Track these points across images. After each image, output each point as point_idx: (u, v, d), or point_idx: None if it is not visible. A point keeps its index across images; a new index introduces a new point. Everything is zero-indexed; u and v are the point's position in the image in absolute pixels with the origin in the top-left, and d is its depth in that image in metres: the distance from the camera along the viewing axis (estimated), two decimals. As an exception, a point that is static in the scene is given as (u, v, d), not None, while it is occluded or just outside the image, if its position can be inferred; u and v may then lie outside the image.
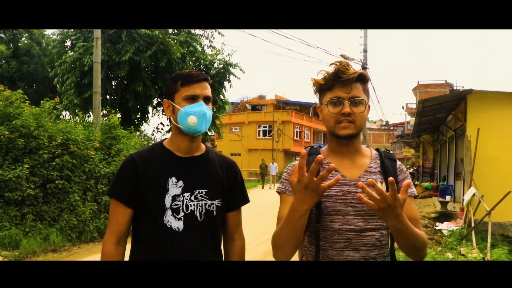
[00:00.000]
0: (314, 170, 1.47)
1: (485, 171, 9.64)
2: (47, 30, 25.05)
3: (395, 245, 1.85)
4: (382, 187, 1.75)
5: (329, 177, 1.79)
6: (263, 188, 26.13)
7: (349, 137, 1.79)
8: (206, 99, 2.00)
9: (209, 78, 2.07)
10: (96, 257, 7.42)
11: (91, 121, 12.12)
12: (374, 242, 1.76)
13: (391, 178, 1.46)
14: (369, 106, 1.86)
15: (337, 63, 1.80)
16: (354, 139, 1.84)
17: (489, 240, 7.42)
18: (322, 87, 1.84)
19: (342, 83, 1.76)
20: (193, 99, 1.96)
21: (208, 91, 2.01)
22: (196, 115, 1.94)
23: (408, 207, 1.81)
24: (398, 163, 1.91)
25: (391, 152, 1.96)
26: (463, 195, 10.24)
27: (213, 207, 2.01)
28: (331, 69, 1.80)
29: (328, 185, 1.50)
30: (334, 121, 1.79)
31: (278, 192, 1.91)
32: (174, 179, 1.97)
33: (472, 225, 8.35)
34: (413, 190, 1.90)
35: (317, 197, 1.54)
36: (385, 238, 1.80)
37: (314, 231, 1.79)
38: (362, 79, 1.80)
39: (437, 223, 10.56)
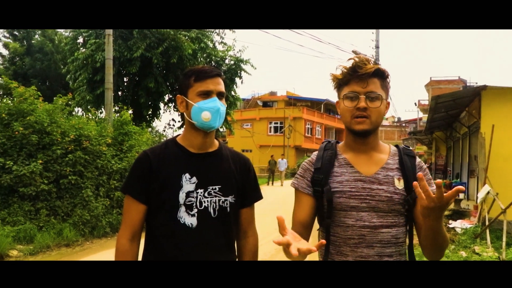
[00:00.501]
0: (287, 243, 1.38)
1: (500, 169, 9.52)
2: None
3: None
4: (400, 183, 1.75)
5: (345, 172, 1.80)
6: (272, 184, 25.31)
7: (364, 133, 1.77)
8: (220, 95, 1.98)
9: (222, 73, 2.05)
10: (109, 252, 7.49)
11: (103, 117, 12.19)
12: (390, 239, 1.73)
13: (419, 174, 1.44)
14: (388, 103, 1.84)
15: (355, 58, 1.78)
16: (370, 135, 1.81)
17: (504, 238, 7.32)
18: (339, 82, 1.83)
19: (359, 77, 1.74)
20: (206, 94, 1.95)
21: (222, 87, 2.00)
22: (210, 110, 1.93)
23: None
24: (418, 159, 1.88)
25: (410, 148, 1.94)
26: (477, 193, 10.13)
27: (226, 204, 2.00)
28: (349, 64, 1.79)
29: (308, 250, 1.38)
30: (350, 116, 1.77)
31: (292, 186, 1.92)
32: (187, 175, 1.96)
33: (487, 223, 8.26)
34: (433, 188, 1.81)
35: (302, 258, 1.46)
36: (402, 236, 1.78)
37: (325, 226, 1.80)
38: (381, 74, 1.78)
39: (450, 221, 10.45)
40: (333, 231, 1.77)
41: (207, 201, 1.96)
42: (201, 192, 1.96)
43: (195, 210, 1.94)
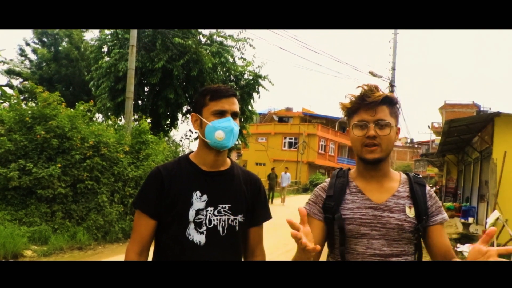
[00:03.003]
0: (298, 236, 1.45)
1: (510, 195, 9.53)
2: (86, 35, 25.94)
3: None
4: (411, 212, 1.77)
5: (356, 200, 1.82)
6: (272, 202, 20.55)
7: (376, 161, 1.79)
8: (234, 115, 1.99)
9: (237, 93, 2.08)
10: (120, 257, 7.62)
11: (122, 125, 12.44)
12: None
13: (492, 229, 1.43)
14: (398, 129, 1.86)
15: (364, 86, 1.80)
16: (381, 163, 1.82)
17: None
18: (349, 111, 1.85)
19: (367, 106, 1.76)
20: (221, 114, 1.96)
21: (236, 107, 2.01)
22: (223, 130, 1.94)
23: (439, 235, 1.81)
24: (428, 188, 1.88)
25: (420, 176, 1.94)
26: (486, 218, 10.13)
27: (235, 222, 2.01)
28: (357, 92, 1.81)
29: (313, 249, 1.48)
30: (360, 144, 1.78)
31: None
32: (198, 193, 1.97)
33: (494, 249, 8.25)
34: (444, 215, 1.87)
35: (308, 256, 1.54)
36: None
37: (339, 254, 1.80)
38: (389, 101, 1.80)
39: (458, 245, 10.42)
40: (344, 259, 1.78)
41: (217, 219, 1.97)
42: (211, 210, 1.97)
43: (204, 228, 1.95)
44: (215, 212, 1.98)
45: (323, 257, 1.90)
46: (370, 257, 1.73)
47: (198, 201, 1.97)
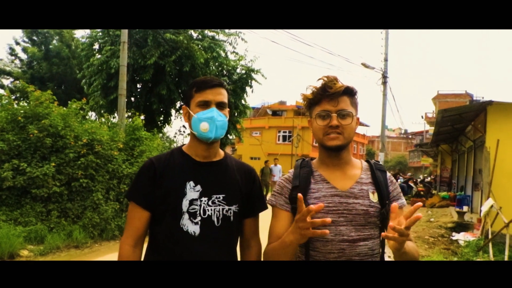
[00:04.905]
0: (305, 212, 1.54)
1: (504, 183, 9.59)
2: (77, 33, 25.75)
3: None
4: (374, 197, 1.84)
5: (322, 188, 1.86)
6: None
7: (337, 148, 1.84)
8: (219, 105, 1.97)
9: (224, 83, 2.04)
10: (117, 254, 7.61)
11: (115, 122, 12.40)
12: (367, 251, 1.80)
13: (394, 205, 1.58)
14: (358, 118, 1.91)
15: (325, 78, 1.84)
16: (343, 151, 1.88)
17: (506, 252, 7.37)
18: (311, 102, 1.89)
19: (329, 97, 1.81)
20: (206, 105, 1.95)
21: (222, 97, 1.98)
22: (207, 121, 1.92)
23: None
24: (388, 174, 1.96)
25: (380, 163, 2.02)
26: (480, 206, 10.19)
27: (230, 213, 1.99)
28: (319, 84, 1.85)
29: (312, 233, 1.56)
30: (323, 133, 1.84)
31: (269, 204, 1.98)
32: (192, 183, 1.96)
33: (490, 236, 8.31)
34: (403, 201, 1.94)
35: (301, 238, 1.62)
36: (376, 247, 1.86)
37: (304, 242, 1.81)
38: (350, 92, 1.86)
39: (454, 233, 10.53)
40: (313, 246, 1.81)
41: (211, 209, 1.95)
42: (205, 201, 1.95)
43: (199, 218, 1.93)
44: (209, 202, 1.96)
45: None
46: (339, 243, 1.77)
47: (192, 191, 1.95)
